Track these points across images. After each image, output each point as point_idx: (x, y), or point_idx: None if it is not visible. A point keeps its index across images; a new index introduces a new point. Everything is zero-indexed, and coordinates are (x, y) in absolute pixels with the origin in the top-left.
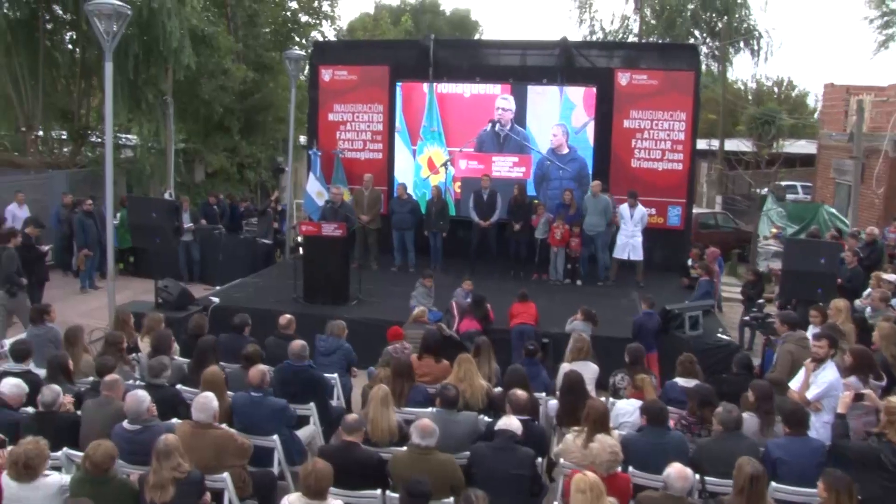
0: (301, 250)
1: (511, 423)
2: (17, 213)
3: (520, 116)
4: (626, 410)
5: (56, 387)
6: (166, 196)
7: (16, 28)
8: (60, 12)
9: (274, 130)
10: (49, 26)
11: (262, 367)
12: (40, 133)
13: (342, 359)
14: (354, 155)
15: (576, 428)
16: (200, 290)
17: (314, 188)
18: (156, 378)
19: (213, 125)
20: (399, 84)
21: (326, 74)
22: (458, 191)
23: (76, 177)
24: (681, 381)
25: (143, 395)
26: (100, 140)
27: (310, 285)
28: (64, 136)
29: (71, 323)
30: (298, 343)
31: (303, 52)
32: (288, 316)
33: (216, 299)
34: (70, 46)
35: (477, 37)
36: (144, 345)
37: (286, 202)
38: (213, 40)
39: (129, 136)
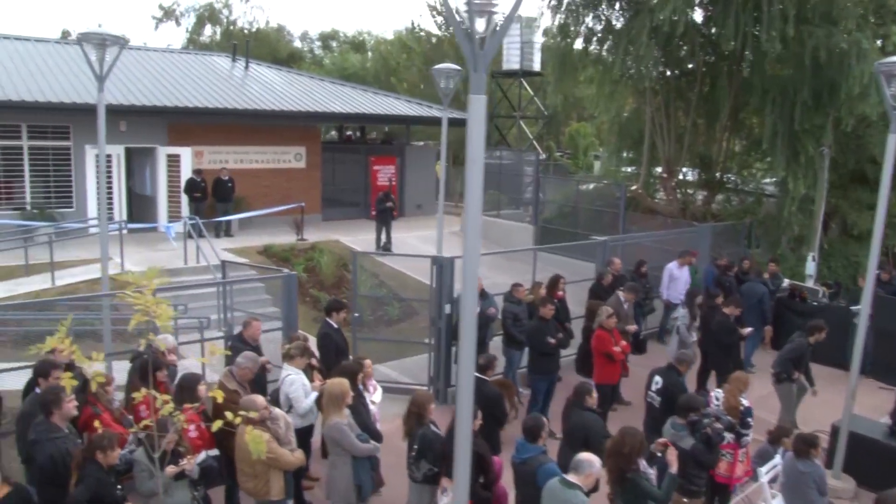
0: None
1: None
2: (676, 274)
3: None
4: None
5: None
6: (810, 259)
7: (679, 78)
8: (712, 58)
9: None
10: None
11: None
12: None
13: None
14: None
15: None
16: (875, 390)
17: None
18: None
19: (854, 177)
20: None
21: None
22: None
23: (715, 230)
24: None
25: None
26: (734, 188)
27: None
28: (689, 178)
29: None
30: None
31: None
32: None
33: None
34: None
35: None
36: None
37: None
38: None
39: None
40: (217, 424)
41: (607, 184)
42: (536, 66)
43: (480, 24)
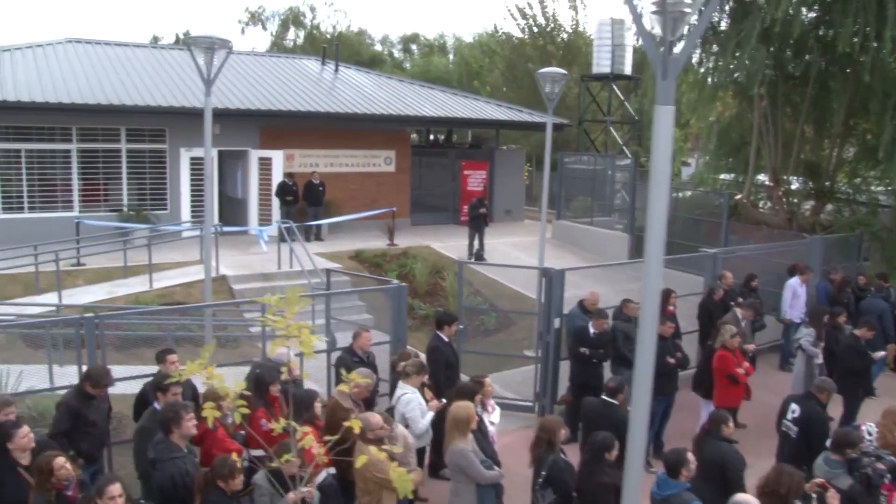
0: None
1: None
2: (798, 290)
3: None
4: None
5: None
6: None
7: (786, 82)
8: (824, 61)
9: None
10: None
11: None
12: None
13: None
14: None
15: None
16: None
17: None
18: None
19: None
20: None
21: None
22: None
23: (828, 242)
24: None
25: None
26: (845, 198)
27: None
28: (794, 187)
29: None
30: None
31: None
32: None
33: None
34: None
35: None
36: None
37: None
38: None
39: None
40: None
41: (706, 192)
42: (628, 70)
43: (670, 27)
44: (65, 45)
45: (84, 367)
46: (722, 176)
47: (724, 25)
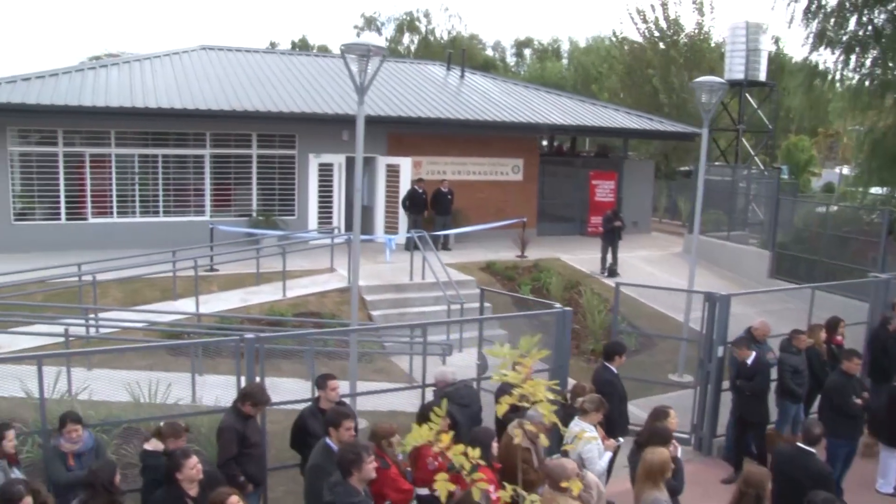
0: None
1: None
2: None
3: None
4: None
5: None
6: None
7: None
8: None
9: None
10: None
11: None
12: None
13: None
14: None
15: None
16: None
17: None
18: None
19: None
20: None
21: None
22: None
23: None
24: None
25: None
26: None
27: None
28: None
29: None
30: None
31: None
32: None
33: None
34: None
35: None
36: None
37: None
38: None
39: None
40: None
41: (857, 207)
42: (762, 76)
43: None
44: (199, 53)
45: (242, 381)
46: (872, 190)
47: (889, 29)
